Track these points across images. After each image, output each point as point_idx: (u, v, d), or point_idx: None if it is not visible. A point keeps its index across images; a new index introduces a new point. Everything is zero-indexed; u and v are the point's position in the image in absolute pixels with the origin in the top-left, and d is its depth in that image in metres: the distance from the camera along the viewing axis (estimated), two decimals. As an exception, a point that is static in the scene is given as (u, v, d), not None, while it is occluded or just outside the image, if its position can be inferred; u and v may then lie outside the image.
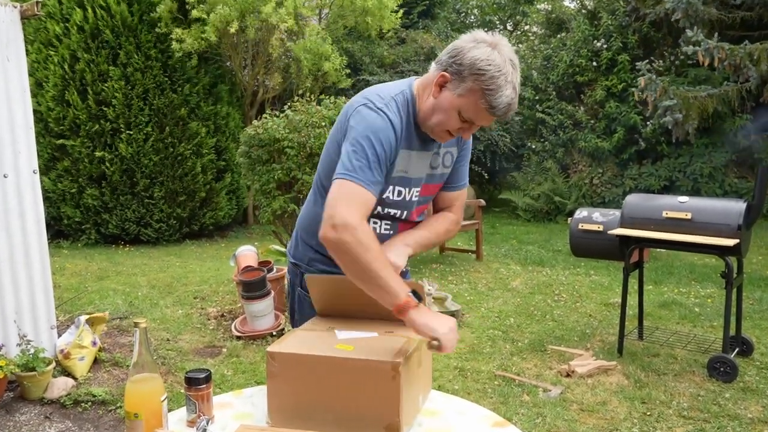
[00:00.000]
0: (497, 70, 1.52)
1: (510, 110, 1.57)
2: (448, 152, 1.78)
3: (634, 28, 9.56)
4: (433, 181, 1.78)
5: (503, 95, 1.53)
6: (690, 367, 3.86)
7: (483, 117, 1.58)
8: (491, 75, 1.52)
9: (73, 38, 7.54)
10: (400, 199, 1.71)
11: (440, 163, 1.77)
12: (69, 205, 7.78)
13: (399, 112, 1.64)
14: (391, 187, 1.69)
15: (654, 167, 9.32)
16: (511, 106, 1.56)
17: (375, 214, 1.70)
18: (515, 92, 1.55)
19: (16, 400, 3.41)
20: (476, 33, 1.59)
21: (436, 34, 11.98)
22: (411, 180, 1.71)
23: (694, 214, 3.73)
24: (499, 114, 1.56)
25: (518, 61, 1.60)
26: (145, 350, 1.41)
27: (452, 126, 1.61)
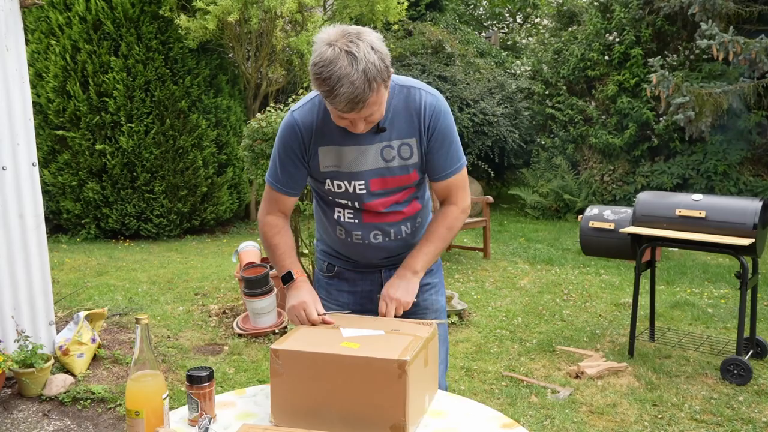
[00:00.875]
0: (324, 67, 1.48)
1: (357, 104, 1.51)
2: (404, 144, 1.75)
3: (648, 22, 9.40)
4: (392, 174, 1.76)
5: (339, 94, 1.49)
6: (702, 369, 3.80)
7: (340, 114, 1.58)
8: (323, 78, 1.49)
9: (74, 28, 7.48)
10: (343, 191, 1.79)
11: (395, 155, 1.75)
12: (69, 199, 7.74)
13: (316, 110, 1.72)
14: (328, 180, 1.78)
15: (667, 164, 9.19)
16: (356, 100, 1.50)
17: (332, 202, 1.84)
18: (354, 85, 1.47)
19: (13, 397, 3.38)
20: (322, 32, 1.54)
21: (444, 26, 11.87)
22: (351, 174, 1.75)
23: (708, 212, 3.66)
24: (347, 111, 1.54)
25: (368, 48, 1.49)
26: (146, 347, 1.40)
27: (341, 123, 1.64)
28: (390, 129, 1.72)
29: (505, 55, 12.92)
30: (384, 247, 1.87)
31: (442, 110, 1.75)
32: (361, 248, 1.87)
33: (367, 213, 1.81)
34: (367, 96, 1.51)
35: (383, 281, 1.91)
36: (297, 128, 1.73)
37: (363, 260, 1.91)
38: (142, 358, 1.39)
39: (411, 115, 1.73)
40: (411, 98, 1.73)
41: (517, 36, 16.52)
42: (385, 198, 1.79)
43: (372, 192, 1.77)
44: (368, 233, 1.83)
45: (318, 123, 1.72)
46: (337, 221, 1.85)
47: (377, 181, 1.76)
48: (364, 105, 1.53)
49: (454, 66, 10.63)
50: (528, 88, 11.19)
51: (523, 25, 17.54)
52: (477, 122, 10.10)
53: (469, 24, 14.91)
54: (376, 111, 1.60)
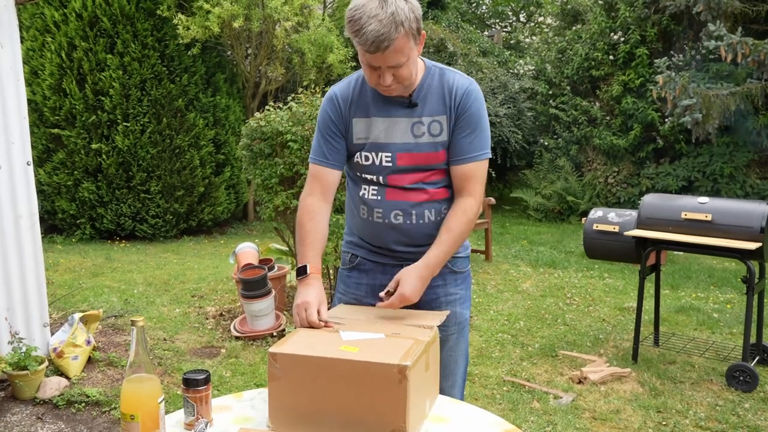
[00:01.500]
0: (358, 12, 1.60)
1: (382, 42, 1.60)
2: (434, 121, 1.80)
3: (654, 21, 9.33)
4: (420, 150, 1.80)
5: (366, 31, 1.58)
6: (708, 375, 3.76)
7: (370, 58, 1.65)
8: (354, 19, 1.60)
9: (71, 25, 7.43)
10: (369, 164, 1.83)
11: (425, 132, 1.80)
12: (64, 199, 7.69)
13: (354, 84, 1.84)
14: (357, 153, 1.84)
15: (672, 166, 9.12)
16: (381, 38, 1.59)
17: (358, 178, 1.88)
18: (382, 23, 1.58)
19: (7, 400, 3.34)
20: None
21: (446, 25, 11.82)
22: (378, 145, 1.81)
23: (714, 215, 3.62)
24: (372, 50, 1.61)
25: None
26: (142, 350, 1.38)
27: (372, 78, 1.72)
28: (422, 105, 1.79)
29: (507, 55, 12.87)
30: (404, 231, 1.83)
31: (473, 93, 1.81)
32: (381, 228, 1.86)
33: (390, 189, 1.83)
34: (393, 37, 1.59)
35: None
36: (335, 99, 1.84)
37: (383, 244, 1.88)
38: (137, 361, 1.37)
39: (443, 94, 1.79)
40: (445, 78, 1.81)
41: (520, 35, 16.47)
42: (411, 174, 1.82)
43: (398, 167, 1.81)
44: (389, 211, 1.83)
45: (354, 94, 1.82)
46: (361, 199, 1.87)
47: (405, 156, 1.80)
48: (390, 45, 1.60)
49: (456, 65, 10.57)
50: (531, 88, 11.13)
51: (526, 23, 17.49)
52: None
53: (472, 23, 14.86)
54: (403, 64, 1.66)
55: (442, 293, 1.90)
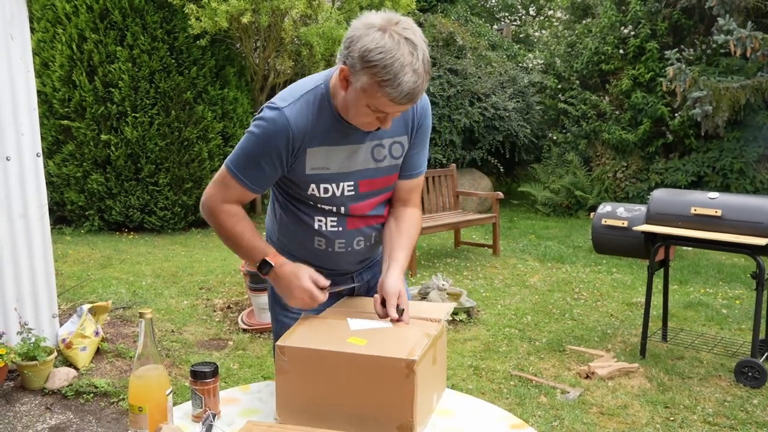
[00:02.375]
0: (390, 56, 1.42)
1: (416, 95, 1.47)
2: (395, 143, 1.70)
3: (664, 15, 9.24)
4: (379, 175, 1.71)
5: (402, 83, 1.43)
6: (716, 371, 3.74)
7: (390, 107, 1.50)
8: (384, 65, 1.42)
9: (81, 17, 7.44)
10: (329, 196, 1.67)
11: (386, 155, 1.69)
12: (73, 190, 7.71)
13: (310, 108, 1.59)
14: (313, 184, 1.65)
15: (681, 161, 9.05)
16: (416, 90, 1.45)
17: (311, 208, 1.71)
18: (418, 74, 1.44)
19: (16, 390, 3.37)
20: (367, 16, 1.50)
21: (455, 18, 11.74)
22: (340, 175, 1.65)
23: (724, 211, 3.60)
24: (404, 102, 1.47)
25: (420, 37, 1.47)
26: (150, 342, 1.38)
27: (367, 119, 1.55)
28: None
29: (517, 48, 12.79)
30: (363, 253, 1.80)
31: (428, 108, 1.74)
32: (342, 257, 1.77)
33: (351, 218, 1.72)
34: (424, 87, 1.47)
35: (355, 285, 1.86)
36: (288, 128, 1.56)
37: (338, 268, 1.81)
38: (145, 353, 1.37)
39: (404, 113, 1.65)
40: None
41: (529, 29, 16.37)
42: (372, 199, 1.73)
43: (360, 194, 1.69)
44: (352, 240, 1.74)
45: (312, 123, 1.59)
46: (317, 231, 1.72)
47: (366, 183, 1.69)
48: (419, 96, 1.48)
49: (465, 59, 10.52)
50: (540, 82, 11.07)
51: (536, 17, 17.38)
52: (488, 117, 10.00)
53: (481, 16, 14.76)
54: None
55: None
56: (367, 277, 1.90)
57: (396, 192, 1.79)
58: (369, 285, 1.91)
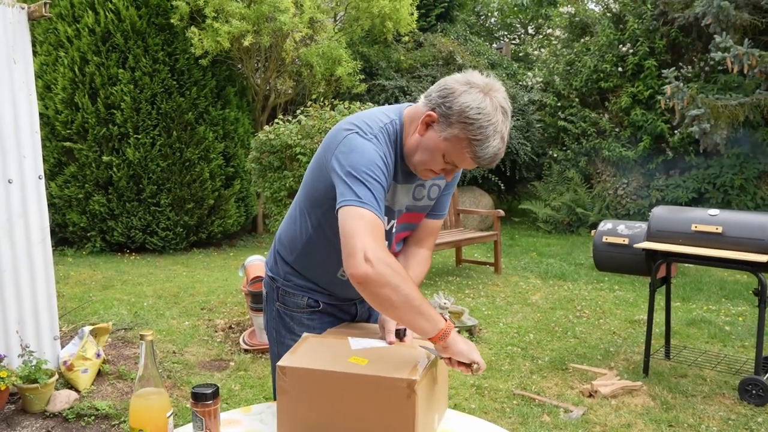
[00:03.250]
0: (486, 119, 1.49)
1: (495, 160, 1.55)
2: (435, 185, 1.77)
3: (662, 33, 9.32)
4: (413, 211, 1.77)
5: (490, 146, 1.51)
6: (720, 389, 3.71)
7: (467, 163, 1.57)
8: (480, 125, 1.49)
9: (83, 40, 7.52)
10: (387, 230, 1.67)
11: (425, 195, 1.76)
12: (75, 212, 7.74)
13: (388, 142, 1.60)
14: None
15: (682, 178, 9.07)
16: (497, 155, 1.54)
17: None
18: (503, 142, 1.53)
19: (17, 413, 3.34)
20: (470, 75, 1.55)
21: (455, 37, 11.83)
22: (394, 212, 1.70)
23: (725, 227, 3.59)
24: (483, 163, 1.55)
25: (509, 107, 1.56)
26: (150, 364, 1.37)
27: (435, 167, 1.59)
28: None
29: (516, 67, 12.88)
30: None
31: None
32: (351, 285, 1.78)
33: None
34: (502, 154, 1.55)
35: (358, 312, 1.90)
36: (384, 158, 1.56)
37: (345, 296, 1.84)
38: (146, 375, 1.37)
39: None
40: None
41: (528, 47, 16.48)
42: (400, 235, 1.79)
43: (397, 226, 1.75)
44: None
45: (391, 156, 1.61)
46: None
47: (403, 216, 1.75)
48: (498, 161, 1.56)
49: (466, 78, 10.58)
50: (540, 100, 11.12)
51: (534, 36, 17.51)
52: (488, 135, 10.02)
53: (480, 35, 14.88)
54: None
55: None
56: (368, 304, 1.88)
57: (418, 230, 1.84)
58: (370, 312, 1.94)
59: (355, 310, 1.90)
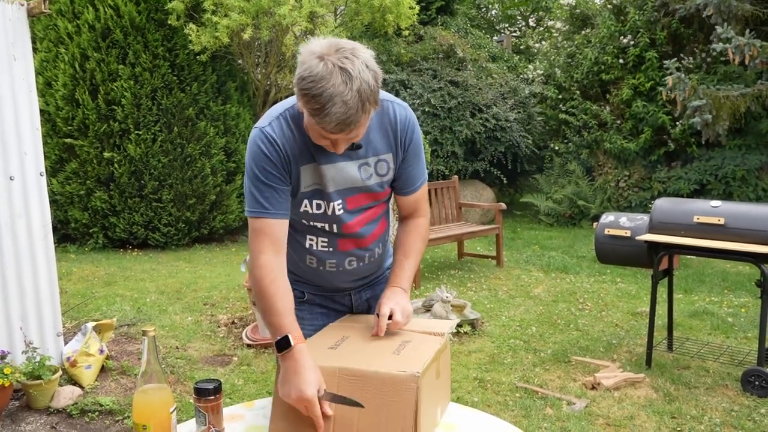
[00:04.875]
0: (317, 87, 1.37)
1: (347, 125, 1.42)
2: (380, 161, 1.67)
3: (663, 24, 9.29)
4: (368, 191, 1.69)
5: (330, 113, 1.38)
6: (723, 380, 3.72)
7: (325, 135, 1.47)
8: (312, 95, 1.38)
9: (83, 37, 7.51)
10: (321, 213, 1.66)
11: (372, 173, 1.67)
12: (77, 208, 7.73)
13: (288, 127, 1.58)
14: (306, 200, 1.65)
15: (683, 170, 9.06)
16: (345, 122, 1.40)
17: (304, 228, 1.71)
18: (348, 106, 1.38)
19: (21, 409, 3.35)
20: (314, 42, 1.44)
21: (455, 30, 11.81)
22: (329, 194, 1.64)
23: (727, 219, 3.58)
24: (335, 131, 1.43)
25: (362, 65, 1.41)
26: (153, 359, 1.37)
27: (321, 142, 1.53)
28: (366, 146, 1.63)
29: (517, 60, 12.85)
30: (357, 272, 1.81)
31: (414, 122, 1.70)
32: (335, 275, 1.78)
33: (342, 239, 1.71)
34: (358, 118, 1.41)
35: (353, 303, 1.88)
36: (274, 142, 1.57)
37: (333, 286, 1.83)
38: (149, 371, 1.37)
39: (386, 131, 1.65)
40: (384, 113, 1.65)
41: (529, 40, 16.45)
42: (360, 216, 1.71)
43: (348, 210, 1.68)
44: (343, 260, 1.75)
45: (293, 140, 1.58)
46: (308, 250, 1.73)
47: (353, 199, 1.68)
48: (354, 126, 1.43)
49: (466, 71, 10.57)
50: (541, 92, 11.10)
51: (535, 28, 17.46)
52: (489, 128, 10.03)
53: (481, 28, 14.85)
54: (361, 132, 1.52)
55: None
56: (366, 295, 1.90)
57: (401, 209, 1.81)
58: (369, 304, 1.92)
59: (350, 300, 1.88)
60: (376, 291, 1.88)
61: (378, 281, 1.91)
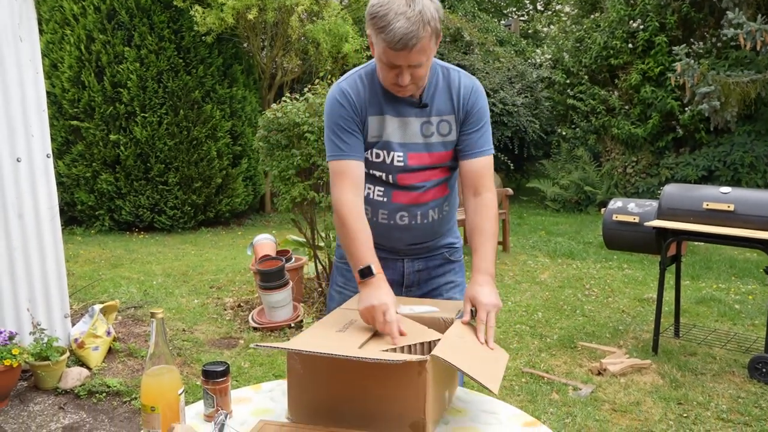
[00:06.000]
0: (385, 7, 1.57)
1: (410, 40, 1.57)
2: (443, 120, 1.81)
3: (673, 8, 9.17)
4: (431, 150, 1.81)
5: (394, 28, 1.56)
6: (729, 367, 3.71)
7: (393, 56, 1.62)
8: (380, 15, 1.58)
9: (89, 18, 7.48)
10: (380, 161, 1.80)
11: (434, 132, 1.80)
12: (83, 191, 7.75)
13: (361, 81, 1.78)
14: (369, 150, 1.80)
15: (692, 156, 8.99)
16: (409, 36, 1.56)
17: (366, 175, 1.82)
18: (411, 22, 1.55)
19: (30, 390, 3.38)
20: None
21: (463, 14, 11.71)
22: (390, 144, 1.79)
23: (737, 205, 3.55)
24: (399, 47, 1.58)
25: None
26: (161, 342, 1.37)
27: (389, 77, 1.69)
28: (431, 105, 1.78)
29: (525, 44, 12.74)
30: (409, 230, 1.86)
31: (479, 91, 1.83)
32: (386, 229, 1.85)
33: (397, 190, 1.82)
34: (420, 35, 1.57)
35: (405, 271, 1.93)
36: (347, 93, 1.77)
37: (386, 243, 1.88)
38: (157, 353, 1.37)
39: (450, 94, 1.80)
40: (451, 78, 1.81)
41: (537, 24, 16.30)
42: (420, 173, 1.81)
43: (408, 166, 1.80)
44: (395, 213, 1.83)
45: (365, 92, 1.77)
46: (366, 198, 1.83)
47: (415, 156, 1.80)
48: (417, 44, 1.57)
49: (473, 55, 10.49)
50: (549, 77, 11.02)
51: (543, 12, 17.30)
52: (496, 112, 9.97)
53: (489, 11, 14.73)
54: (424, 64, 1.65)
55: (442, 281, 1.98)
56: (419, 266, 1.94)
57: (463, 178, 1.85)
58: (420, 277, 1.95)
59: (402, 268, 1.93)
60: (428, 264, 1.95)
61: (432, 255, 1.95)
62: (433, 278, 1.96)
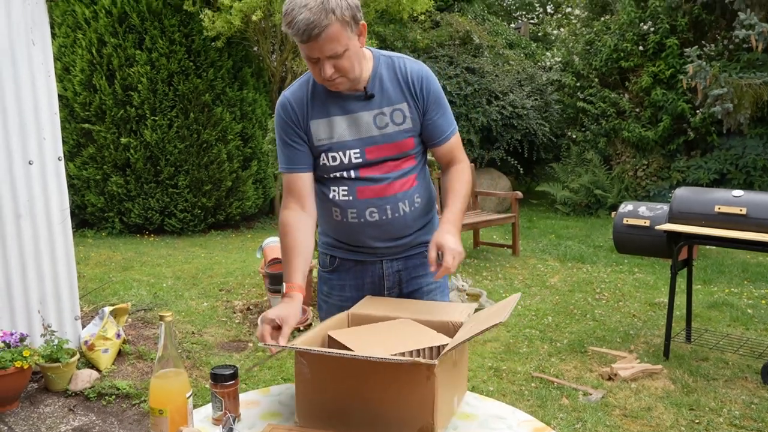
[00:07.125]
0: (290, 4, 1.60)
1: (312, 30, 1.58)
2: (395, 110, 1.80)
3: (685, 10, 9.12)
4: (388, 140, 1.81)
5: (297, 21, 1.58)
6: (742, 372, 3.67)
7: (307, 49, 1.64)
8: (287, 12, 1.61)
9: (101, 22, 7.53)
10: (337, 164, 1.80)
11: (388, 122, 1.80)
12: (93, 193, 7.79)
13: (307, 85, 1.80)
14: (323, 154, 1.80)
15: (703, 159, 8.93)
16: (311, 25, 1.57)
17: (326, 179, 1.84)
18: (311, 11, 1.56)
19: (40, 392, 3.40)
20: None
21: (472, 17, 11.70)
22: (344, 143, 1.79)
23: (749, 209, 3.53)
24: (305, 39, 1.60)
25: None
26: (170, 344, 1.38)
27: (315, 72, 1.70)
28: (379, 96, 1.78)
29: (534, 47, 12.71)
30: (380, 226, 1.83)
31: (429, 75, 1.83)
32: (358, 228, 1.84)
33: (361, 185, 1.80)
34: (323, 24, 1.57)
35: (384, 272, 1.91)
36: (288, 104, 1.79)
37: (361, 244, 1.87)
38: (165, 356, 1.37)
39: (398, 82, 1.80)
40: (396, 66, 1.81)
41: (547, 27, 16.27)
42: (381, 165, 1.81)
43: (368, 160, 1.80)
44: (364, 210, 1.81)
45: (308, 96, 1.79)
46: (332, 201, 1.83)
47: (373, 149, 1.80)
48: (321, 33, 1.57)
49: (483, 57, 10.47)
50: (559, 80, 10.98)
51: (553, 15, 17.26)
52: (506, 115, 9.94)
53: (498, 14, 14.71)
54: (341, 54, 1.63)
55: (423, 283, 1.95)
56: (398, 266, 1.91)
57: (439, 161, 1.91)
58: (400, 277, 1.93)
59: (381, 270, 1.91)
60: (408, 264, 1.92)
61: (411, 255, 1.92)
62: (413, 278, 1.93)
